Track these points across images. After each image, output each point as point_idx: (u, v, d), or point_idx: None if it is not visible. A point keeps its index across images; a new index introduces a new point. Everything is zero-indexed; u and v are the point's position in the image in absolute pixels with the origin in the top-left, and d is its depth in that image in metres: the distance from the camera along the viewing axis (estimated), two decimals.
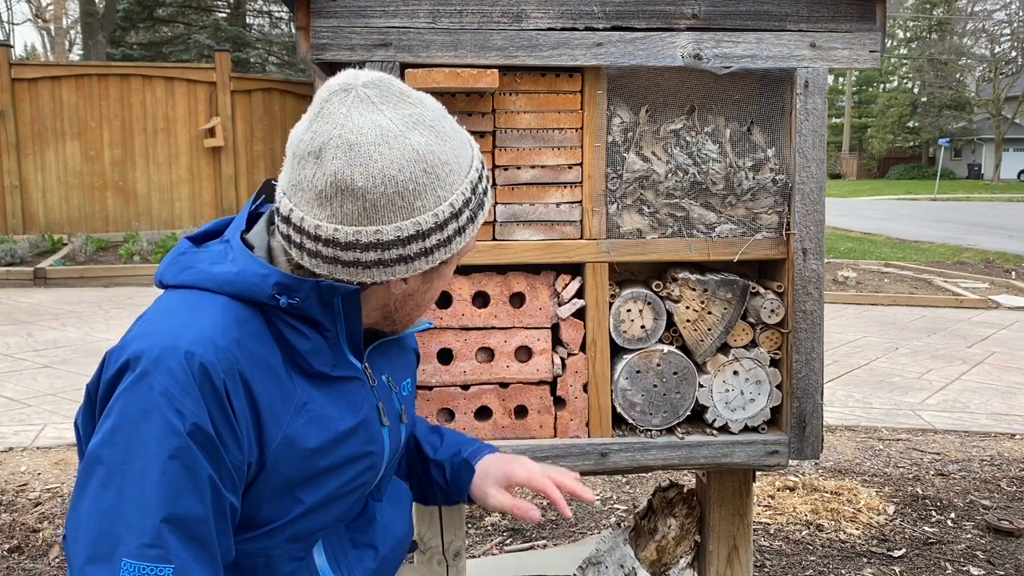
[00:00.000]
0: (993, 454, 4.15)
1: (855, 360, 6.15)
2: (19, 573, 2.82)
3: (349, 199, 0.98)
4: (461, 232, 1.05)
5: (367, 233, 0.99)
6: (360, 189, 0.97)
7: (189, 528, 0.94)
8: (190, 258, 1.08)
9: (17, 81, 10.93)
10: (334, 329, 1.08)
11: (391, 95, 1.01)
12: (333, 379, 1.09)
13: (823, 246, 1.74)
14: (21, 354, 5.98)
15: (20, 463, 3.84)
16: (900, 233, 15.78)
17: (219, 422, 0.97)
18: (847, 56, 1.70)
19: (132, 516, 0.91)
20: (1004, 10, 43.29)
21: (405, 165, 0.98)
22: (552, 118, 1.69)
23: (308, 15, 1.58)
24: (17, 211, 11.05)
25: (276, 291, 1.02)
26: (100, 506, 0.92)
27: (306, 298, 1.03)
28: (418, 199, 1.00)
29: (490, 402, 1.72)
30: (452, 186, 1.02)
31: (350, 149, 0.97)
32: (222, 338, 0.99)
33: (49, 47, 37.19)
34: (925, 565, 2.92)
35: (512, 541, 3.06)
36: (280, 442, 1.02)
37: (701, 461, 1.76)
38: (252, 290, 1.02)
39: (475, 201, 1.07)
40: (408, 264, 1.03)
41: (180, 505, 0.93)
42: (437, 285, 1.13)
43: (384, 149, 0.97)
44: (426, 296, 1.14)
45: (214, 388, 0.96)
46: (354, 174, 0.97)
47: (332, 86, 1.01)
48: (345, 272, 1.03)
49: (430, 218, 1.01)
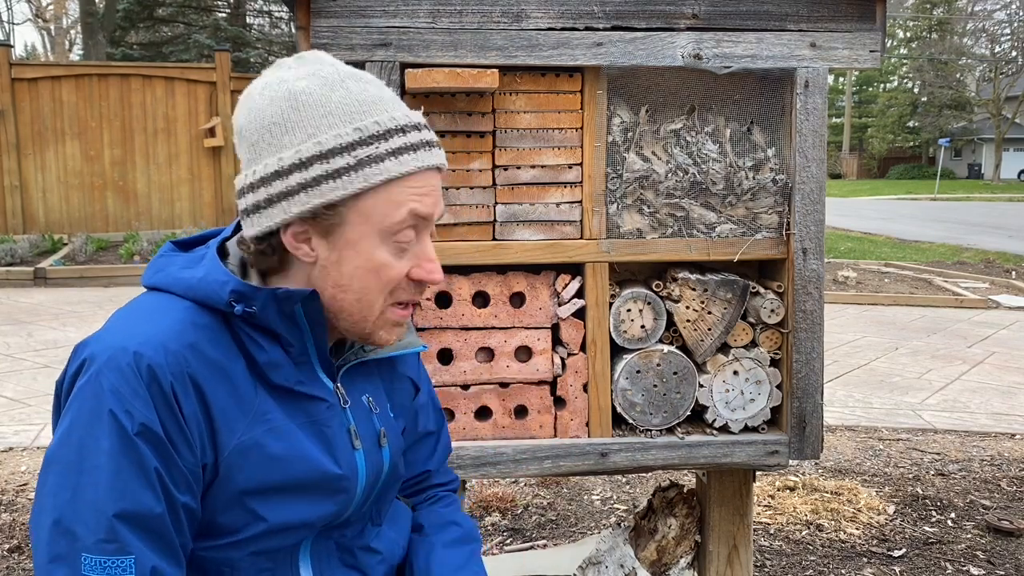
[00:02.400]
0: (993, 454, 4.15)
1: (855, 360, 6.15)
2: (19, 573, 2.82)
3: (241, 142, 1.05)
4: (333, 177, 1.00)
5: (249, 174, 1.04)
6: (243, 129, 1.04)
7: (144, 522, 0.95)
8: (165, 261, 1.10)
9: (17, 81, 10.93)
10: (299, 344, 1.07)
11: (304, 59, 1.06)
12: (296, 395, 1.07)
13: (823, 246, 1.73)
14: (21, 354, 5.98)
15: (20, 463, 3.84)
16: (900, 233, 15.78)
17: (168, 423, 0.97)
18: (847, 56, 1.70)
19: (87, 513, 0.93)
20: (1004, 10, 43.29)
21: (276, 102, 1.02)
22: (552, 118, 1.68)
23: (308, 15, 1.58)
24: (17, 211, 11.05)
25: (232, 298, 1.02)
26: (57, 504, 0.94)
27: (263, 307, 1.02)
28: (285, 135, 1.01)
29: (490, 402, 1.72)
30: (325, 126, 1.01)
31: (245, 97, 1.05)
32: (175, 342, 0.99)
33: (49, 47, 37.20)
34: (925, 565, 2.92)
35: (512, 541, 3.06)
36: (234, 450, 1.01)
37: (701, 461, 1.76)
38: (212, 296, 1.03)
39: (365, 151, 1.01)
40: (276, 205, 1.01)
41: (132, 500, 0.94)
42: (351, 259, 1.04)
43: (265, 91, 1.03)
44: (342, 271, 1.05)
45: (161, 390, 0.97)
46: (239, 116, 1.05)
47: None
48: (248, 224, 1.05)
49: (291, 154, 1.01)
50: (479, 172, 1.68)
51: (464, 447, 1.70)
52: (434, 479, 1.37)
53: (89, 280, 9.15)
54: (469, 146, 1.67)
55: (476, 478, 1.77)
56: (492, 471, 1.72)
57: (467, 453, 1.69)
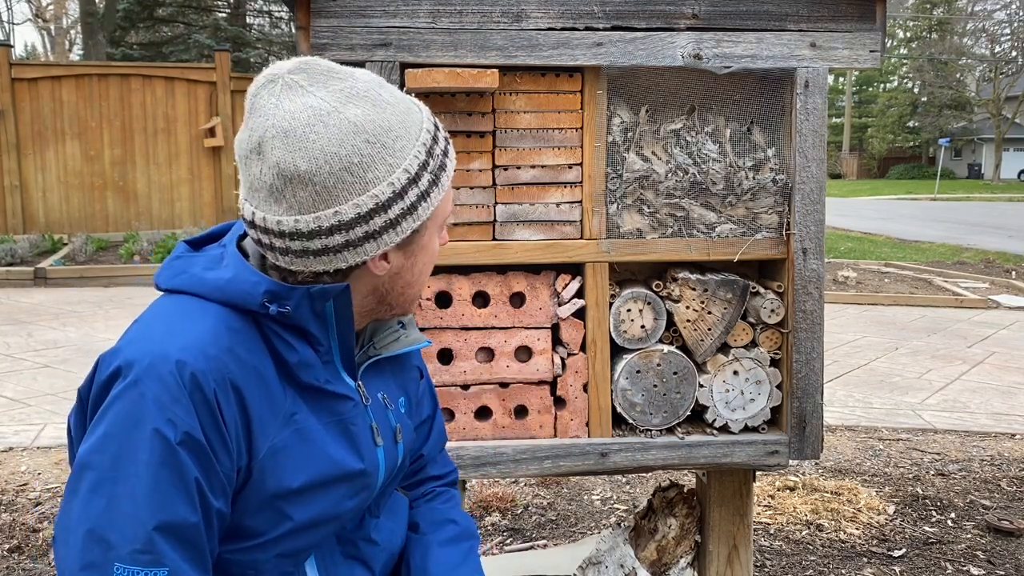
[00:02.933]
0: (993, 454, 4.15)
1: (855, 360, 6.15)
2: (19, 573, 2.82)
3: (299, 186, 0.96)
4: (425, 197, 1.02)
5: (326, 217, 0.97)
6: (305, 173, 0.95)
7: (180, 533, 0.94)
8: (184, 262, 1.07)
9: (17, 81, 10.93)
10: (327, 343, 1.07)
11: (318, 75, 0.99)
12: (325, 394, 1.07)
13: (823, 246, 1.73)
14: (21, 354, 5.98)
15: (20, 463, 3.84)
16: (900, 233, 15.77)
17: (209, 431, 0.96)
18: (847, 56, 1.70)
19: (123, 522, 0.91)
20: (1004, 10, 43.28)
21: (345, 139, 0.96)
22: (552, 118, 1.68)
23: (308, 15, 1.58)
24: (17, 211, 11.05)
25: (266, 299, 1.00)
26: (89, 512, 0.92)
27: (297, 306, 1.01)
28: (368, 171, 0.97)
29: (490, 402, 1.72)
30: (402, 152, 0.99)
31: (286, 136, 0.95)
32: (213, 346, 0.98)
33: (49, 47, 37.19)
34: (925, 565, 2.92)
35: (512, 541, 3.06)
36: (267, 452, 1.01)
37: (701, 461, 1.76)
38: (243, 297, 1.01)
39: (434, 163, 1.03)
40: (377, 240, 1.00)
41: (171, 512, 0.93)
42: (422, 258, 1.09)
43: (320, 128, 0.95)
44: (414, 271, 1.09)
45: (204, 397, 0.95)
46: (296, 160, 0.95)
47: (259, 80, 1.00)
48: (319, 262, 1.00)
49: (386, 188, 0.98)
50: (479, 172, 1.68)
51: (464, 447, 1.69)
52: (430, 469, 1.37)
53: (89, 280, 9.15)
54: (469, 146, 1.67)
55: (476, 478, 1.77)
56: (492, 471, 1.72)
57: (467, 453, 1.69)
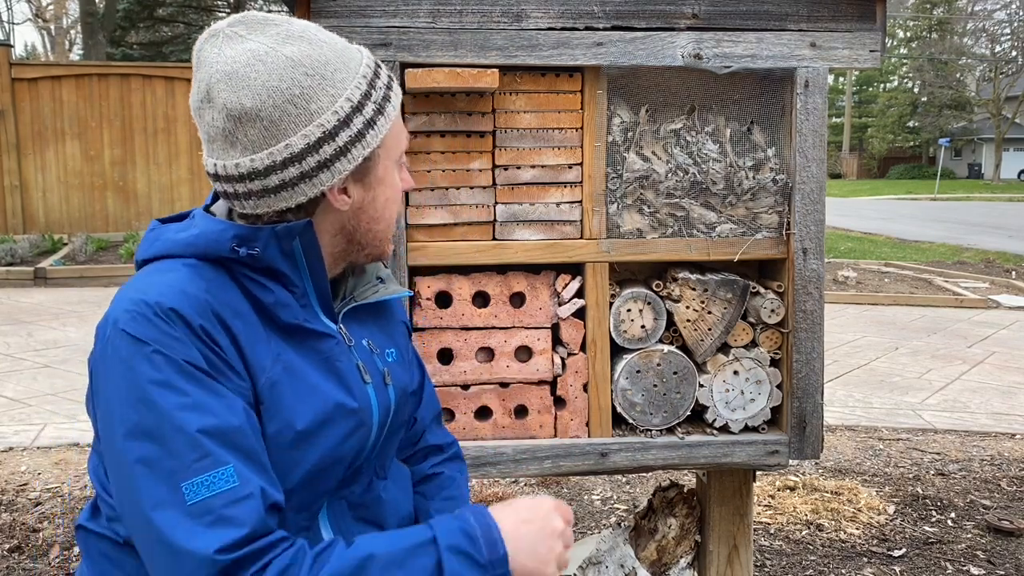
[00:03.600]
0: (993, 454, 4.15)
1: (855, 360, 6.15)
2: (19, 573, 2.82)
3: (249, 125, 1.01)
4: (371, 125, 1.06)
5: (279, 151, 1.02)
6: (252, 110, 1.00)
7: (226, 437, 0.95)
8: (157, 233, 1.11)
9: (17, 81, 10.93)
10: (301, 284, 1.09)
11: (255, 24, 1.04)
12: (307, 332, 1.09)
13: (823, 246, 1.73)
14: (21, 354, 5.98)
15: (20, 463, 3.84)
16: (900, 233, 15.77)
17: (206, 354, 0.98)
18: (847, 56, 1.70)
19: (173, 444, 0.92)
20: (1004, 10, 43.28)
21: (284, 73, 1.00)
22: (552, 118, 1.68)
23: (308, 15, 1.58)
24: (17, 211, 11.05)
25: (235, 243, 1.04)
26: (139, 454, 0.93)
27: (265, 246, 1.04)
28: (311, 102, 1.02)
29: (490, 402, 1.72)
30: (343, 82, 1.04)
31: (230, 78, 1.00)
32: (190, 287, 1.01)
33: (49, 47, 37.18)
34: (925, 565, 2.92)
35: None
36: (264, 383, 1.03)
37: (701, 461, 1.76)
38: (213, 246, 1.04)
39: (377, 94, 1.07)
40: (330, 168, 1.04)
41: (207, 417, 0.94)
42: (382, 192, 1.11)
43: (260, 67, 1.00)
44: (376, 205, 1.12)
45: (190, 327, 0.97)
46: (241, 98, 1.00)
47: (201, 38, 1.05)
48: (280, 199, 1.04)
49: (331, 116, 1.03)
50: (479, 172, 1.68)
51: (464, 447, 1.69)
52: (430, 437, 1.38)
53: (89, 280, 9.14)
54: (469, 146, 1.67)
55: (476, 478, 1.77)
56: (492, 471, 1.72)
57: (467, 453, 1.69)
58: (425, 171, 1.66)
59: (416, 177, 1.66)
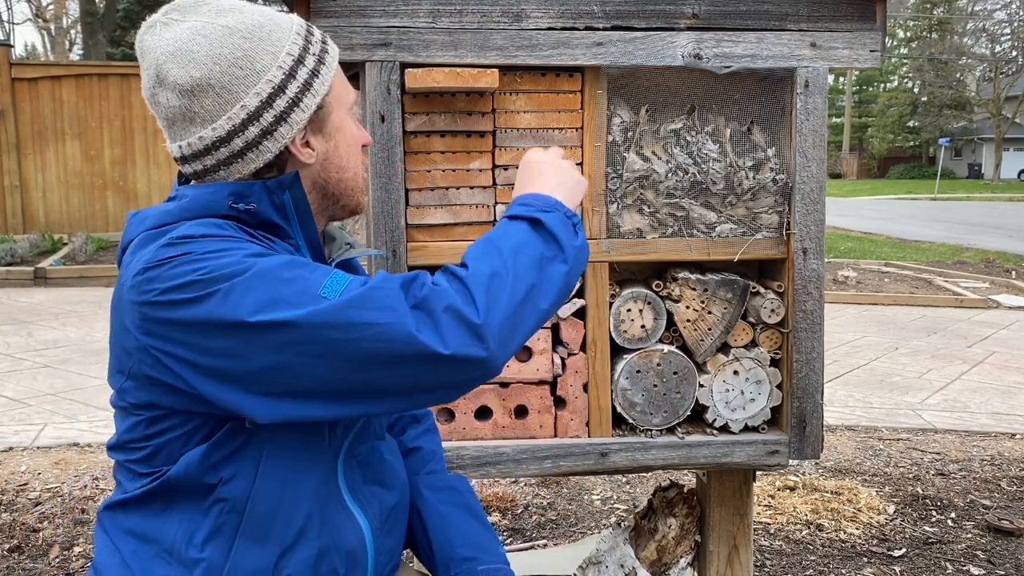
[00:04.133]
0: (993, 454, 4.15)
1: (855, 360, 6.15)
2: (19, 573, 2.82)
3: (202, 96, 1.06)
4: (316, 74, 1.12)
5: (236, 114, 1.07)
6: (202, 80, 1.06)
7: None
8: (143, 213, 1.13)
9: (17, 81, 10.93)
10: (294, 237, 1.13)
11: (187, 8, 1.10)
12: None
13: (823, 246, 1.73)
14: (21, 354, 5.98)
15: (20, 463, 3.84)
16: (900, 233, 15.77)
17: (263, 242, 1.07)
18: (847, 56, 1.70)
19: (291, 279, 0.98)
20: (1004, 10, 43.27)
21: (224, 40, 1.07)
22: (552, 118, 1.68)
23: (308, 14, 1.58)
24: (17, 211, 11.04)
25: (232, 200, 1.08)
26: (268, 301, 0.97)
27: (260, 200, 1.09)
28: (255, 62, 1.08)
29: (490, 402, 1.72)
30: (280, 41, 1.10)
31: (175, 56, 1.07)
32: (204, 226, 1.05)
33: (49, 47, 37.16)
34: (925, 565, 2.92)
35: (512, 541, 3.06)
36: None
37: (701, 461, 1.76)
38: (211, 206, 1.08)
39: (315, 47, 1.13)
40: (288, 121, 1.09)
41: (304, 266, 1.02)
42: (343, 140, 1.17)
43: (200, 39, 1.06)
44: (340, 154, 1.17)
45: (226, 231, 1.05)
46: (189, 72, 1.06)
47: (140, 31, 1.12)
48: (248, 161, 1.09)
49: (277, 72, 1.08)
50: (479, 172, 1.68)
51: (464, 447, 1.70)
52: None
53: (89, 280, 9.14)
54: (469, 146, 1.67)
55: (476, 478, 1.77)
56: (492, 471, 1.72)
57: (467, 453, 1.69)
58: (425, 171, 1.66)
59: (416, 177, 1.66)
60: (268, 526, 1.07)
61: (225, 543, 1.06)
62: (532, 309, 1.05)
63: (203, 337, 0.98)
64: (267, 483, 1.07)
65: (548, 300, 1.07)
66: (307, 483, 1.10)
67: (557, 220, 1.12)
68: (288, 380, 0.98)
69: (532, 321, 1.05)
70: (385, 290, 0.98)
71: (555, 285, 1.08)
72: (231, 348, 0.97)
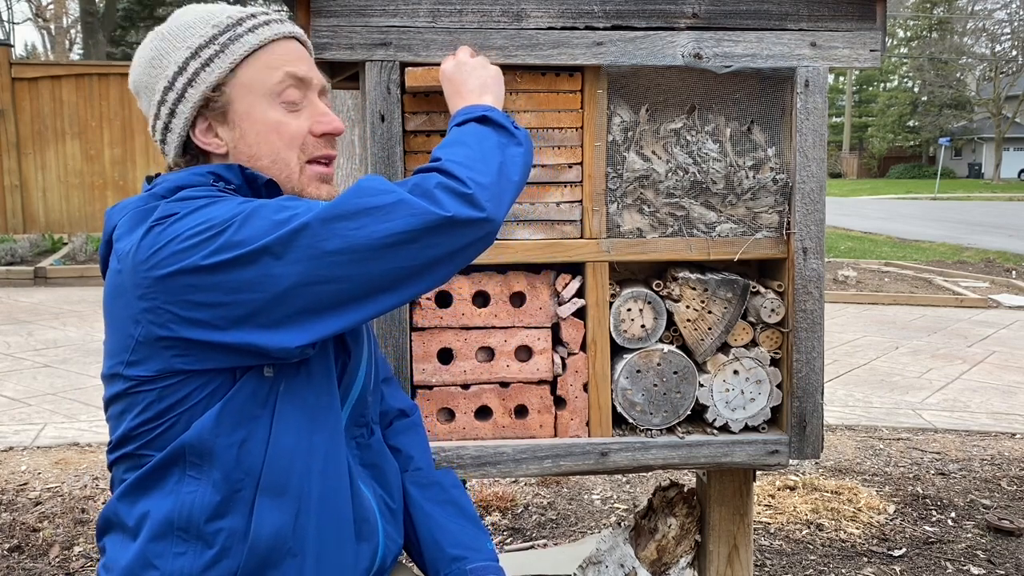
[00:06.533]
0: (993, 453, 4.15)
1: (855, 359, 6.15)
2: (19, 573, 2.82)
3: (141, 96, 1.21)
4: (207, 64, 1.17)
5: (153, 107, 1.19)
6: (137, 82, 1.22)
7: None
8: (120, 204, 1.17)
9: (17, 80, 10.93)
10: None
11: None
12: None
13: (823, 245, 1.73)
14: (21, 354, 5.98)
15: (20, 463, 3.84)
16: (900, 232, 15.77)
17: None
18: (847, 55, 1.70)
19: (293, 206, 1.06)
20: (1004, 9, 43.24)
21: (150, 44, 1.21)
22: (552, 117, 1.68)
23: (308, 14, 1.58)
24: (17, 210, 11.05)
25: (212, 179, 1.13)
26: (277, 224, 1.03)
27: (237, 177, 1.16)
28: (164, 59, 1.18)
29: (490, 401, 1.72)
30: (192, 37, 1.18)
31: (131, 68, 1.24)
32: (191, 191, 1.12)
33: (49, 46, 37.13)
34: (925, 564, 2.92)
35: (512, 541, 3.06)
36: None
37: (701, 460, 1.76)
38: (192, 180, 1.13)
39: (225, 35, 1.18)
40: (176, 114, 1.17)
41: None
42: (250, 128, 1.18)
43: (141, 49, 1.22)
44: (248, 141, 1.19)
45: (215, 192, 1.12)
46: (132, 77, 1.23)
47: None
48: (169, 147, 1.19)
49: (172, 67, 1.18)
50: None
51: (464, 447, 1.69)
52: (391, 400, 1.44)
53: (89, 280, 9.14)
54: None
55: (476, 478, 1.77)
56: (492, 471, 1.72)
57: (467, 453, 1.69)
58: None
59: None
60: (285, 484, 1.09)
61: (244, 507, 1.07)
62: (507, 182, 1.16)
63: (224, 275, 1.00)
64: (281, 441, 1.09)
65: (517, 173, 1.20)
66: (318, 445, 1.12)
67: (500, 115, 1.28)
68: (313, 294, 1.01)
69: (510, 192, 1.17)
70: (379, 179, 1.07)
71: (517, 162, 1.21)
72: (253, 279, 1.00)
